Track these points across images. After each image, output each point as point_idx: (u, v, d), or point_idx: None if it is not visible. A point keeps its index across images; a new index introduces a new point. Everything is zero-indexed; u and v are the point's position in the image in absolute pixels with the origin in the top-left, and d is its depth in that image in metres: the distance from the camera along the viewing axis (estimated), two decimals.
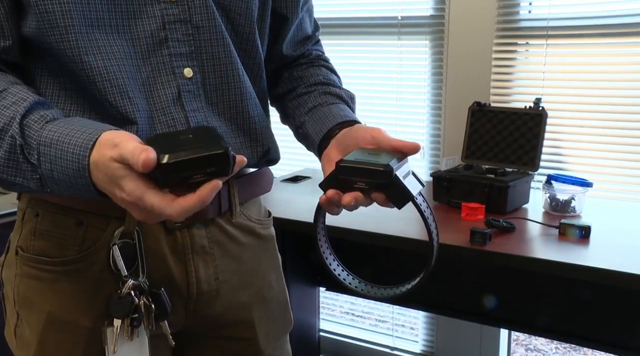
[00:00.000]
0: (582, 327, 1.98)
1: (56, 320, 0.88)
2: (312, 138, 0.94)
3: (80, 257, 0.87)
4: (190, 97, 0.86)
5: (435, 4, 2.32)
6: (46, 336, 0.89)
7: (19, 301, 0.91)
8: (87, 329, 0.88)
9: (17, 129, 0.73)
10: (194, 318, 0.94)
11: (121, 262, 0.85)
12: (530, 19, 2.19)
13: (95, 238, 0.86)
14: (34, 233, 0.88)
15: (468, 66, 2.28)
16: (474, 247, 1.62)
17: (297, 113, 1.00)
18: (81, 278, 0.87)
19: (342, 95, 1.00)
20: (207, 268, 0.93)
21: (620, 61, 2.06)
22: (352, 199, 0.76)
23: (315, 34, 1.08)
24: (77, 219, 0.86)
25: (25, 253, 0.89)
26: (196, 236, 0.91)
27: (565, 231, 1.70)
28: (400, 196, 0.76)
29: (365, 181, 0.76)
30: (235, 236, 0.97)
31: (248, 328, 1.00)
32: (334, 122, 0.92)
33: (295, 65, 1.05)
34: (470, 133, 2.10)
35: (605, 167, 2.11)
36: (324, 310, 2.82)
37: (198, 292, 0.92)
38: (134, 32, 0.82)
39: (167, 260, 0.89)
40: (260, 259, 1.02)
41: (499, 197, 1.88)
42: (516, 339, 3.07)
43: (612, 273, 1.47)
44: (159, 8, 0.83)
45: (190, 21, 0.85)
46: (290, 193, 2.17)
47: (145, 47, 0.83)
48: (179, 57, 0.85)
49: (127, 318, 0.86)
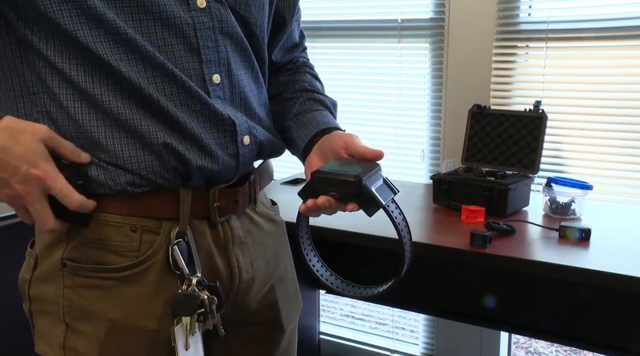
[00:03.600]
0: (582, 330, 1.98)
1: (119, 326, 0.88)
2: (296, 143, 1.02)
3: (138, 262, 0.88)
4: (218, 103, 0.90)
5: (435, 7, 2.33)
6: (109, 344, 0.89)
7: (71, 313, 0.89)
8: (151, 332, 0.89)
9: None
10: (232, 309, 0.97)
11: (182, 261, 0.88)
12: (530, 21, 2.20)
13: (151, 242, 0.88)
14: (86, 244, 0.88)
15: (468, 69, 2.28)
16: (474, 250, 1.62)
17: (282, 118, 1.06)
18: (141, 282, 0.88)
19: (325, 102, 1.07)
20: (245, 257, 0.97)
21: (620, 64, 2.06)
22: (326, 201, 0.84)
23: (302, 42, 1.15)
24: (131, 225, 0.87)
25: (78, 264, 0.88)
26: (234, 228, 0.96)
27: (565, 234, 1.70)
28: (371, 204, 0.83)
29: (337, 190, 0.83)
30: (260, 224, 1.02)
31: (273, 309, 1.04)
32: (317, 128, 0.99)
33: (282, 71, 1.11)
34: (470, 136, 2.10)
35: (605, 170, 2.12)
36: (324, 312, 2.82)
37: (239, 281, 0.96)
38: (166, 38, 0.85)
39: (213, 254, 0.93)
40: (278, 244, 1.07)
41: (499, 200, 1.88)
42: (516, 342, 3.07)
43: (612, 275, 1.47)
44: (190, 16, 0.86)
45: (218, 28, 0.89)
46: (290, 196, 2.17)
47: (177, 54, 0.86)
48: (209, 64, 0.89)
49: (194, 315, 0.88)
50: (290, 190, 2.27)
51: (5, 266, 1.30)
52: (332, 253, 2.22)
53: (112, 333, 0.88)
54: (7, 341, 1.68)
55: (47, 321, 0.92)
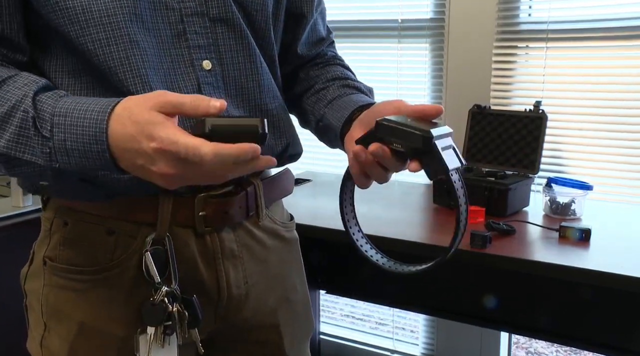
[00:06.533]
0: (582, 330, 1.97)
1: (88, 329, 0.87)
2: (333, 126, 0.93)
3: (111, 266, 0.86)
4: (210, 89, 0.87)
5: (436, 7, 2.33)
6: (77, 346, 0.88)
7: (47, 311, 0.89)
8: (120, 337, 0.87)
9: (30, 103, 0.74)
10: (223, 324, 0.94)
11: (154, 268, 0.84)
12: (530, 22, 2.20)
13: (126, 246, 0.86)
14: (62, 243, 0.87)
15: (468, 69, 2.28)
16: (474, 250, 1.62)
17: (316, 108, 1.00)
18: (113, 286, 0.86)
19: (360, 87, 0.99)
20: (237, 272, 0.92)
21: (620, 64, 2.06)
22: (380, 150, 0.73)
23: (329, 36, 1.09)
24: (108, 228, 0.85)
25: (55, 263, 0.88)
26: (225, 240, 0.91)
27: (565, 234, 1.69)
28: (436, 166, 0.72)
29: (402, 143, 0.72)
30: (262, 239, 0.96)
31: (274, 331, 1.00)
32: (354, 106, 0.91)
33: (311, 66, 1.06)
34: (471, 136, 2.10)
35: (605, 170, 2.12)
36: (324, 313, 2.82)
37: (228, 296, 0.92)
38: (154, 23, 0.83)
39: (198, 265, 0.89)
40: (285, 262, 1.02)
41: (499, 200, 1.88)
42: (517, 342, 3.07)
43: (612, 276, 1.47)
44: (177, 1, 0.84)
45: (207, 14, 0.86)
46: (290, 196, 2.17)
47: (165, 39, 0.84)
48: (197, 50, 0.86)
49: (160, 326, 0.85)
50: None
51: (5, 266, 1.30)
52: (334, 254, 2.22)
53: (81, 336, 0.88)
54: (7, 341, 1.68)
55: (33, 317, 0.93)
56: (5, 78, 0.77)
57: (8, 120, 0.74)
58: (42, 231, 0.92)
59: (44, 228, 0.91)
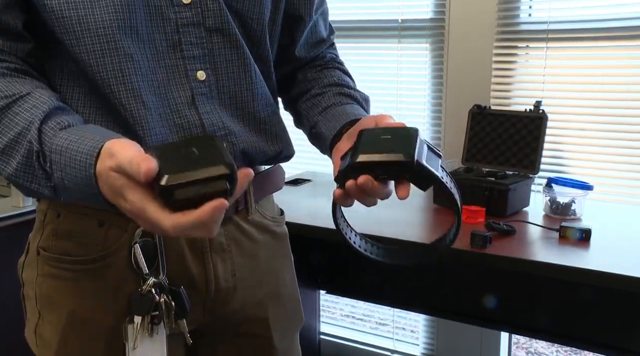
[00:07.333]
0: (582, 330, 1.98)
1: (78, 318, 0.89)
2: (324, 136, 0.94)
3: (102, 256, 0.87)
4: (203, 100, 0.87)
5: (436, 7, 2.33)
6: (68, 334, 0.90)
7: (40, 300, 0.92)
8: (109, 327, 0.89)
9: (35, 135, 0.74)
10: (211, 316, 0.95)
11: (142, 260, 0.86)
12: (531, 22, 2.20)
13: (116, 238, 0.87)
14: (55, 234, 0.89)
15: (468, 69, 2.28)
16: (474, 250, 1.62)
17: (310, 113, 1.00)
18: (103, 277, 0.88)
19: (356, 96, 1.00)
20: (225, 265, 0.94)
21: (620, 64, 2.06)
22: (368, 181, 0.73)
23: (330, 38, 1.09)
24: (99, 219, 0.87)
25: (47, 253, 0.90)
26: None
27: (565, 234, 1.70)
28: (426, 180, 0.74)
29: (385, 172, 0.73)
30: (251, 234, 0.98)
31: (263, 325, 1.01)
32: (346, 119, 0.91)
33: (309, 68, 1.06)
34: (471, 137, 2.10)
35: (605, 170, 2.12)
36: (324, 313, 2.82)
37: (216, 289, 0.93)
38: (150, 34, 0.83)
39: (186, 258, 0.90)
40: (275, 257, 1.03)
41: (499, 200, 1.88)
42: (517, 342, 3.07)
43: (612, 276, 1.47)
44: (173, 11, 0.84)
45: (204, 24, 0.86)
46: (290, 196, 2.17)
47: (160, 50, 0.84)
48: (192, 60, 0.86)
49: (148, 316, 0.86)
50: (291, 190, 2.27)
51: (5, 266, 1.30)
52: (334, 254, 2.22)
53: (72, 325, 0.89)
54: (7, 341, 1.68)
55: (29, 306, 0.95)
56: (16, 98, 0.77)
57: (15, 147, 0.75)
58: (36, 222, 0.93)
59: (38, 219, 0.93)
